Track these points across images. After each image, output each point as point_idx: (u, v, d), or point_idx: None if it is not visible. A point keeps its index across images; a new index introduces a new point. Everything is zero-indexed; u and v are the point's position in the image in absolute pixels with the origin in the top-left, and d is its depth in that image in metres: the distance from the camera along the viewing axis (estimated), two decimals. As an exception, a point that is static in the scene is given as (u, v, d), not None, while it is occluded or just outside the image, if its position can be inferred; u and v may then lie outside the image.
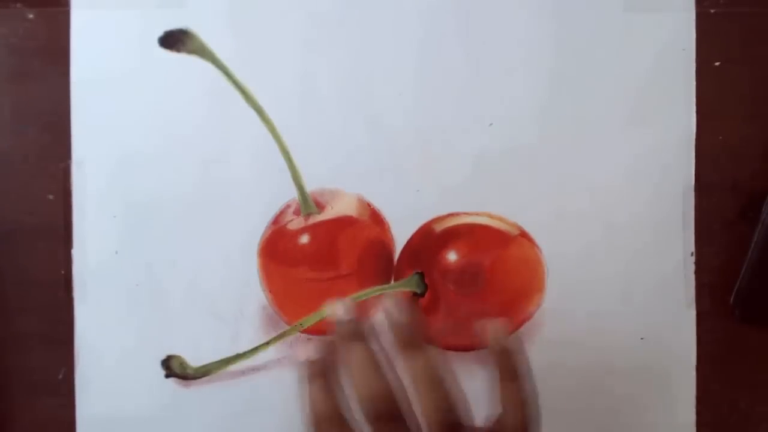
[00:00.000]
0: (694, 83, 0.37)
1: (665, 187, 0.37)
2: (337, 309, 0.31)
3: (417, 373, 0.29)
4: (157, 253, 0.37)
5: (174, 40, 0.36)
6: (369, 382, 0.29)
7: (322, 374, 0.31)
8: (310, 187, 0.37)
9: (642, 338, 0.37)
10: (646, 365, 0.37)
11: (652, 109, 0.37)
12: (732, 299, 0.37)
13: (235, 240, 0.37)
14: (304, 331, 0.37)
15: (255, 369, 0.37)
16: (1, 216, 0.37)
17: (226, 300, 0.37)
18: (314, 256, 0.36)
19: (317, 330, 0.37)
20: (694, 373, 0.37)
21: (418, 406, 0.29)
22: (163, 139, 0.37)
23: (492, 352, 0.31)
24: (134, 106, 0.37)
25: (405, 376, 0.30)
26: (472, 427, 0.29)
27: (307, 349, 0.33)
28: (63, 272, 0.37)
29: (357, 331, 0.31)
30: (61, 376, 0.37)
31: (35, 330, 0.37)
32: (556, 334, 0.37)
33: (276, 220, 0.37)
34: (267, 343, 0.37)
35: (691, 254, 0.37)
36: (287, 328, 0.37)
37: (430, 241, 0.37)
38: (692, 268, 0.37)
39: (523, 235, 0.37)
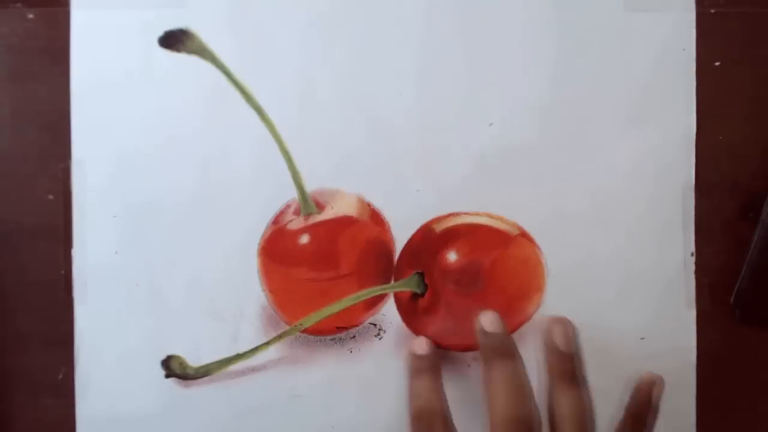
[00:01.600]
0: (694, 83, 0.37)
1: (665, 187, 0.37)
2: (485, 320, 0.29)
3: (567, 411, 0.26)
4: (157, 253, 0.37)
5: (174, 40, 0.36)
6: (512, 403, 0.26)
7: (428, 370, 0.30)
8: (310, 187, 0.37)
9: (642, 338, 0.37)
10: (646, 365, 0.37)
11: (652, 109, 0.37)
12: (732, 299, 0.37)
13: (235, 240, 0.37)
14: (305, 331, 0.37)
15: (255, 369, 0.37)
16: (1, 216, 0.37)
17: (225, 300, 0.37)
18: (314, 256, 0.36)
19: (317, 330, 0.37)
20: (694, 373, 0.37)
21: None
22: (163, 139, 0.37)
23: (550, 355, 0.28)
24: (134, 106, 0.37)
25: (546, 408, 0.27)
26: None
27: (420, 344, 0.32)
28: (63, 272, 0.37)
29: (505, 347, 0.28)
30: (61, 376, 0.37)
31: (35, 330, 0.37)
32: (556, 334, 0.37)
33: (276, 220, 0.37)
34: (267, 343, 0.37)
35: (691, 254, 0.37)
36: (287, 328, 0.37)
37: (430, 241, 0.37)
38: (692, 268, 0.37)
39: (523, 235, 0.37)
